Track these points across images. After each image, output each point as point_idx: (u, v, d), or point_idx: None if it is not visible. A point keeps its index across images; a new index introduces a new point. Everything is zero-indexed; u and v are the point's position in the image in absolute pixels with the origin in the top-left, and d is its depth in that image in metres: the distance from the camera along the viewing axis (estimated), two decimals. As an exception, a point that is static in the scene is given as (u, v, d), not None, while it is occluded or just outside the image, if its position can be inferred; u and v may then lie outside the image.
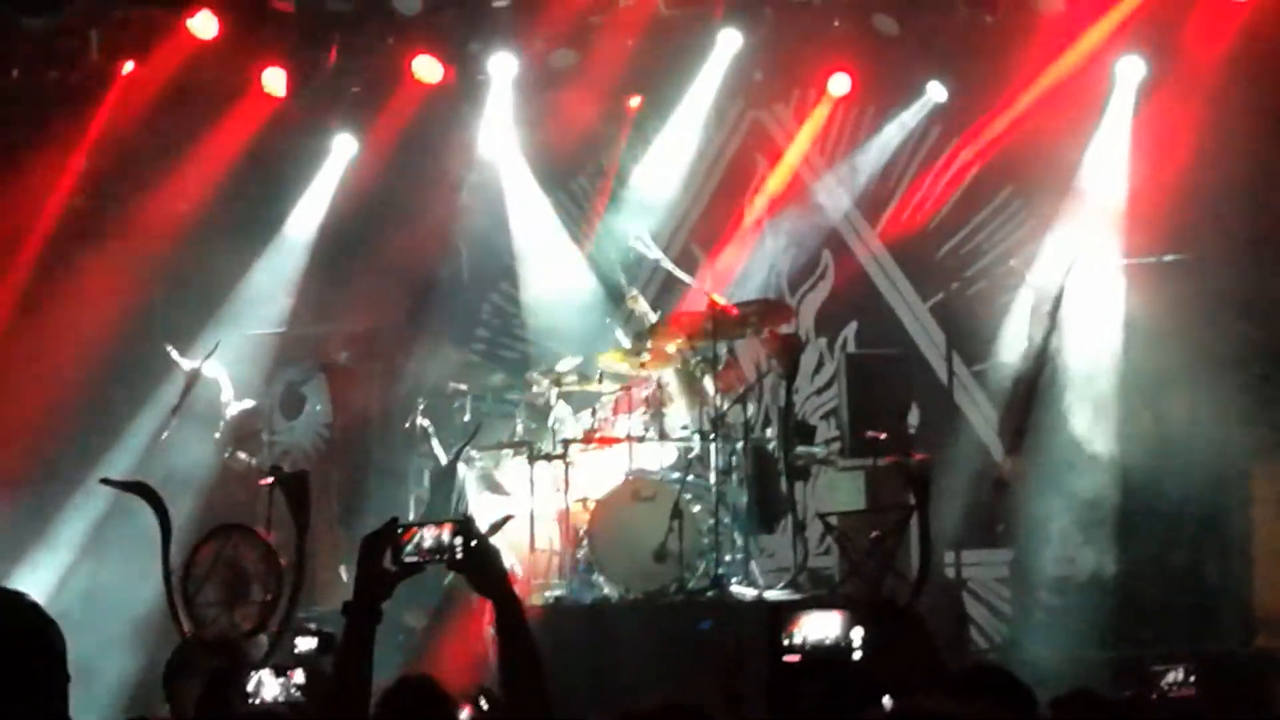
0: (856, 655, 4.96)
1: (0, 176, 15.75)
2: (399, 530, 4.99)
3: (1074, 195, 15.28)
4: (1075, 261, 14.79)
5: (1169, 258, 14.56)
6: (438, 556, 4.93)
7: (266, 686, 6.41)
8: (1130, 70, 15.16)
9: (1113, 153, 15.19)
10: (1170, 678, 10.36)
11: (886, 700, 5.07)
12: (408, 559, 4.95)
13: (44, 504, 15.26)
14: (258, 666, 6.72)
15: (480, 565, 4.94)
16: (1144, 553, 13.90)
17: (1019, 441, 14.53)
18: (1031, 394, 14.50)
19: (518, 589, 5.25)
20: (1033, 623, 13.96)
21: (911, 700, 2.53)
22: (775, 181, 16.82)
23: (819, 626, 4.99)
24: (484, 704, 7.23)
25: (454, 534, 4.91)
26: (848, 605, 4.97)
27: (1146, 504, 13.87)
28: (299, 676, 6.48)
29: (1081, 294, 14.75)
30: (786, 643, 4.90)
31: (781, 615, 5.11)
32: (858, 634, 4.92)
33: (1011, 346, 15.03)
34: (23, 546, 15.09)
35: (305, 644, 7.20)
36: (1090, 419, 14.21)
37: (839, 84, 16.22)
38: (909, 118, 16.26)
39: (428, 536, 4.93)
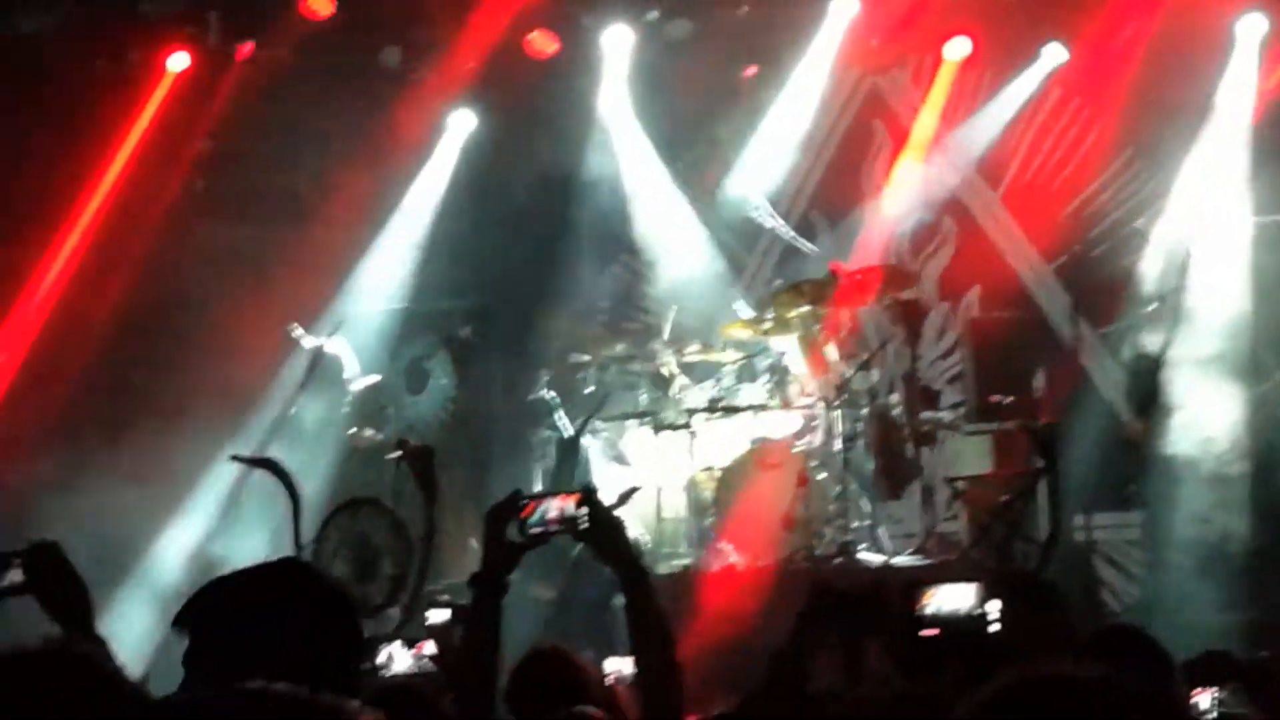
0: (993, 629, 4.91)
1: (119, 160, 15.91)
2: (522, 502, 5.00)
3: (1198, 154, 15.09)
4: (1202, 220, 14.60)
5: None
6: (562, 527, 4.93)
7: (397, 659, 6.44)
8: (1251, 28, 14.97)
9: (1236, 111, 14.99)
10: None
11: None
12: (532, 530, 4.96)
13: (175, 482, 15.39)
14: (388, 640, 6.76)
15: (605, 535, 4.94)
16: (1276, 511, 13.71)
17: (1148, 403, 14.37)
18: (1160, 354, 14.34)
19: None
20: (1165, 585, 13.81)
21: (1038, 663, 2.49)
22: (895, 147, 16.73)
23: (952, 598, 4.94)
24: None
25: (578, 504, 4.91)
26: (982, 577, 4.91)
27: (1278, 462, 13.71)
28: (429, 648, 6.51)
29: (1209, 252, 14.56)
30: (922, 614, 4.85)
31: (914, 589, 5.06)
32: (994, 606, 4.86)
33: (1138, 307, 14.85)
34: (156, 523, 15.24)
35: (437, 616, 7.22)
36: (1220, 378, 14.05)
37: (958, 48, 16.13)
38: (1028, 80, 16.10)
39: (552, 507, 4.94)
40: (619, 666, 7.74)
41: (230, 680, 3.48)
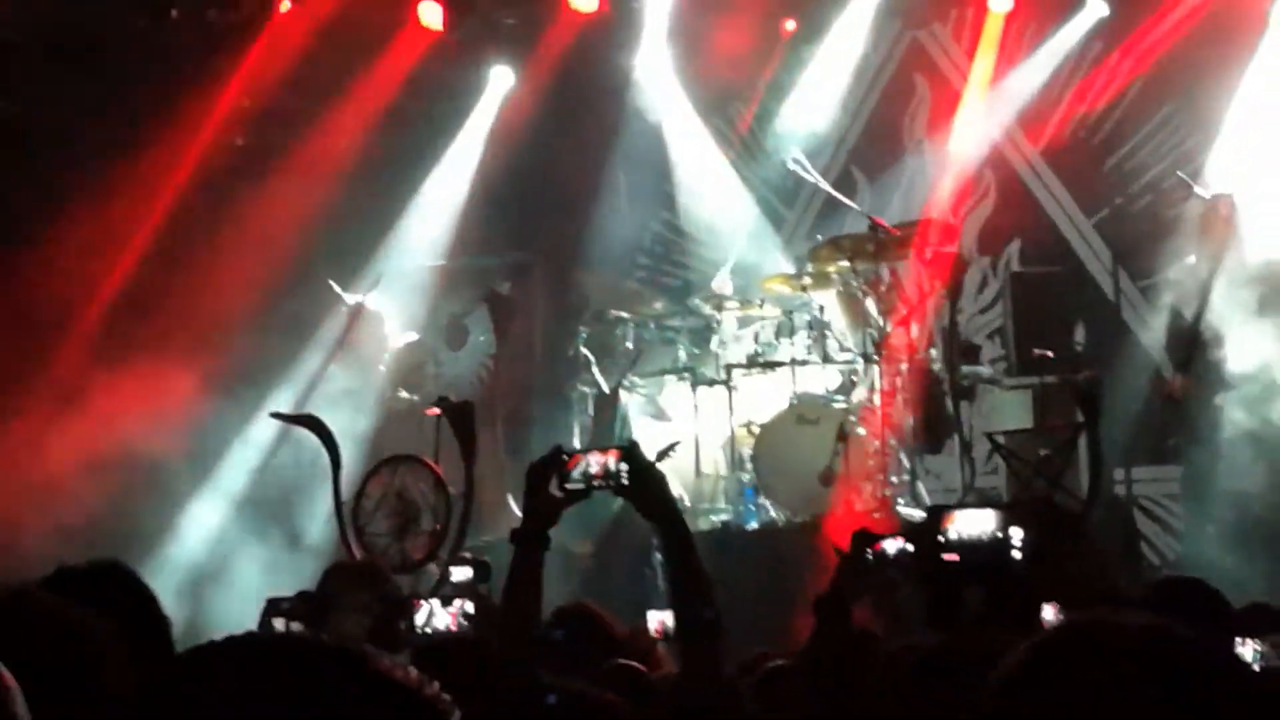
0: (1016, 555, 4.89)
1: (160, 117, 15.91)
2: (564, 457, 5.00)
3: (1240, 106, 15.00)
4: (1244, 173, 14.50)
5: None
6: (604, 483, 4.93)
7: (437, 616, 6.45)
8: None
9: (1277, 60, 14.89)
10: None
11: (1049, 610, 5.01)
12: (574, 485, 4.96)
13: (214, 440, 15.46)
14: (427, 596, 6.77)
15: (647, 491, 4.94)
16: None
17: (1189, 357, 14.31)
18: (1201, 308, 14.27)
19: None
20: (1206, 538, 13.77)
21: (1093, 613, 2.47)
22: (935, 102, 16.68)
23: (972, 523, 4.91)
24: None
25: (620, 460, 4.91)
26: (1003, 506, 4.90)
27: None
28: (468, 605, 6.51)
29: (1251, 207, 14.47)
30: (942, 540, 4.84)
31: (936, 515, 5.05)
32: (1016, 534, 4.84)
33: (1179, 261, 14.79)
34: (194, 482, 15.31)
35: (461, 574, 7.23)
36: (1261, 331, 13.97)
37: (1000, 1, 16.07)
38: (1070, 33, 16.04)
39: (594, 463, 4.94)
40: (662, 619, 7.73)
41: None
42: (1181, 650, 2.33)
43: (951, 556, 4.77)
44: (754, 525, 13.55)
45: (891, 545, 5.85)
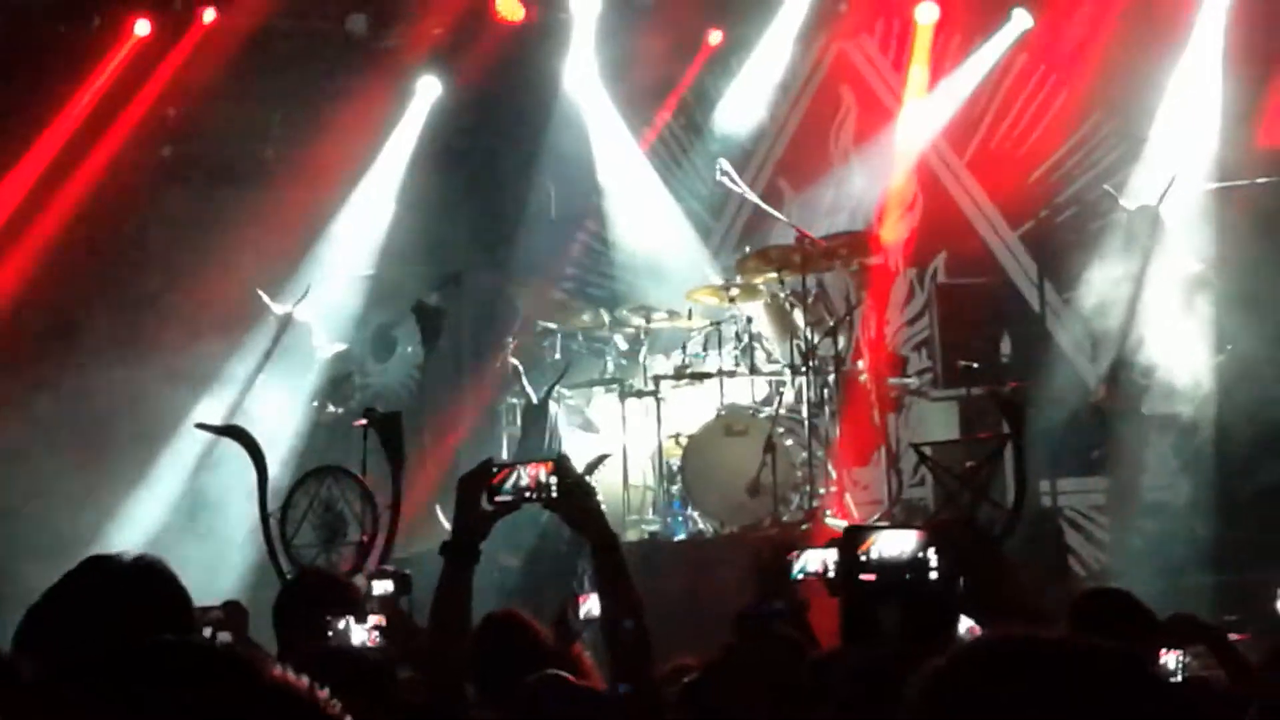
0: (933, 576, 4.92)
1: (86, 126, 15.84)
2: (494, 470, 5.00)
3: (1164, 119, 15.10)
4: (1168, 185, 14.59)
5: (1262, 180, 14.37)
6: (534, 495, 4.93)
7: (354, 632, 6.36)
8: (1219, -9, 15.00)
9: (1202, 73, 14.99)
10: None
11: (965, 623, 5.04)
12: (504, 498, 4.96)
13: (139, 452, 15.36)
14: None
15: (577, 503, 4.95)
16: (1241, 475, 13.74)
17: (1113, 368, 14.41)
18: (1126, 320, 14.36)
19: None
20: (1131, 549, 13.86)
21: (1003, 628, 2.49)
22: (862, 113, 16.74)
23: (892, 544, 4.94)
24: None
25: (550, 473, 4.91)
26: (923, 526, 4.92)
27: (1242, 427, 13.72)
28: (380, 620, 6.43)
29: (1175, 218, 14.57)
30: (863, 559, 4.86)
31: (855, 536, 5.07)
32: (934, 554, 4.87)
33: (1104, 272, 14.87)
34: (121, 492, 15.21)
35: (381, 587, 7.16)
36: (1185, 343, 14.07)
37: (926, 13, 16.15)
38: (995, 45, 16.11)
39: (524, 475, 4.94)
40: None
41: None
42: (1095, 663, 2.35)
43: (868, 576, 4.78)
44: (682, 536, 13.56)
45: (814, 559, 5.87)
